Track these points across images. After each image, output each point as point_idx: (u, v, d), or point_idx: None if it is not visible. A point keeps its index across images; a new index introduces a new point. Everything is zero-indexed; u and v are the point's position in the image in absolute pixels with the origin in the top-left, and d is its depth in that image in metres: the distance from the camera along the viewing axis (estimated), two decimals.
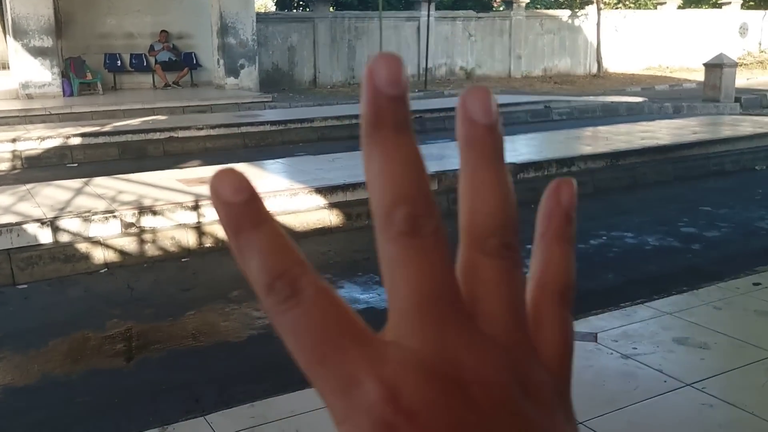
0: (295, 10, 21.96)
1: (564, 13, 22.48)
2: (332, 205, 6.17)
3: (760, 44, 25.01)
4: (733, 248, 5.48)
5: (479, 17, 21.01)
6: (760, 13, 25.34)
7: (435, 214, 0.23)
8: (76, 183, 6.64)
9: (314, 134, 10.76)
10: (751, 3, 27.01)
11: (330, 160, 7.75)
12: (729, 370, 2.99)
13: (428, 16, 18.21)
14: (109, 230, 5.40)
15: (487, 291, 0.24)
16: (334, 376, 0.22)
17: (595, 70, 21.75)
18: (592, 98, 14.86)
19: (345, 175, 6.81)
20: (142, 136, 9.97)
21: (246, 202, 0.22)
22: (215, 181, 0.22)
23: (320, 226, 5.99)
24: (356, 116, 11.85)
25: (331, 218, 6.07)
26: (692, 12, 24.90)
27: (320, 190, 6.25)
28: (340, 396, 0.22)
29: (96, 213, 5.48)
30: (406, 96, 0.23)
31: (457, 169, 0.25)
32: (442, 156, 7.94)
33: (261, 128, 10.65)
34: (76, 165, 8.98)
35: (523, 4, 21.76)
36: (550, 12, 22.85)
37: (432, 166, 7.13)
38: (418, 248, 0.22)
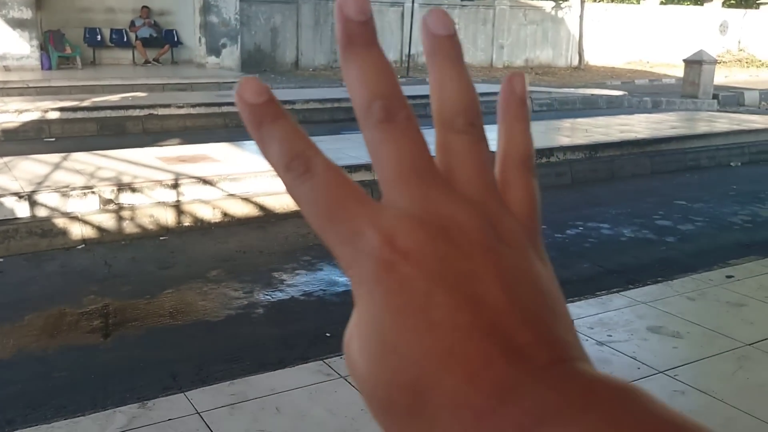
0: None
1: (548, 4, 22.52)
2: None
3: (739, 42, 25.29)
4: (707, 242, 5.57)
5: (463, 5, 20.99)
6: (741, 11, 25.61)
7: (406, 105, 0.28)
8: (54, 158, 6.56)
9: (296, 116, 10.53)
10: (732, 1, 27.27)
11: None
12: (701, 358, 3.05)
13: (412, 2, 18.17)
14: (87, 206, 5.35)
15: (459, 161, 0.28)
16: (342, 230, 0.26)
17: (576, 62, 21.86)
18: (572, 90, 14.96)
19: None
20: (122, 113, 9.87)
21: (266, 102, 0.27)
22: (240, 88, 0.27)
23: None
24: (339, 100, 11.83)
25: None
26: (674, 8, 25.09)
27: None
28: (348, 245, 0.26)
29: (74, 188, 5.43)
30: (372, 20, 0.28)
31: None
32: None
33: None
34: (53, 140, 8.87)
35: None
36: (534, 3, 22.87)
37: None
38: (395, 130, 0.27)
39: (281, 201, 5.93)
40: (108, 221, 5.32)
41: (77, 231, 5.19)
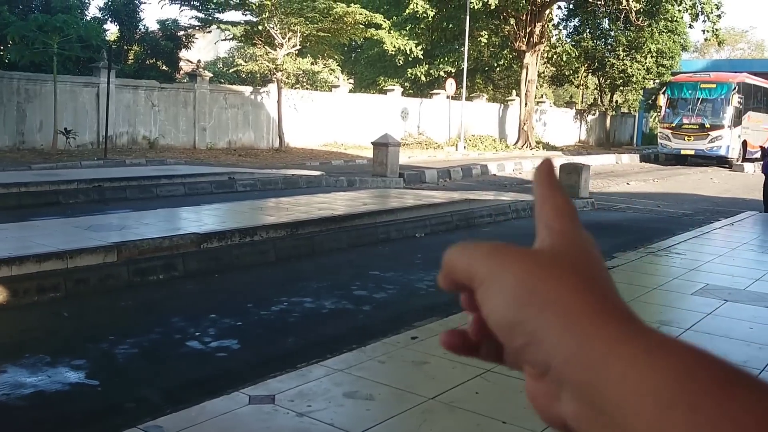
0: None
1: (246, 89, 23.29)
2: None
3: (418, 127, 28.40)
4: (398, 307, 6.08)
5: (162, 87, 20.85)
6: (418, 100, 28.89)
7: None
8: None
9: None
10: (410, 91, 30.68)
11: None
12: (391, 417, 3.32)
13: (108, 83, 17.61)
14: None
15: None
16: None
17: (277, 144, 22.76)
18: (274, 171, 15.51)
19: (10, 247, 6.24)
20: None
21: None
22: None
23: None
24: (26, 184, 10.87)
25: None
26: (362, 96, 27.49)
27: None
28: None
29: None
30: None
31: (138, 239, 0.36)
32: (123, 226, 7.68)
33: None
34: None
35: (207, 78, 22.11)
36: (234, 87, 23.51)
37: (111, 237, 6.86)
38: None
39: None
40: None
41: None
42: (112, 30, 25.88)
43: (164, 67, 24.29)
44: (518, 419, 3.17)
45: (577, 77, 36.45)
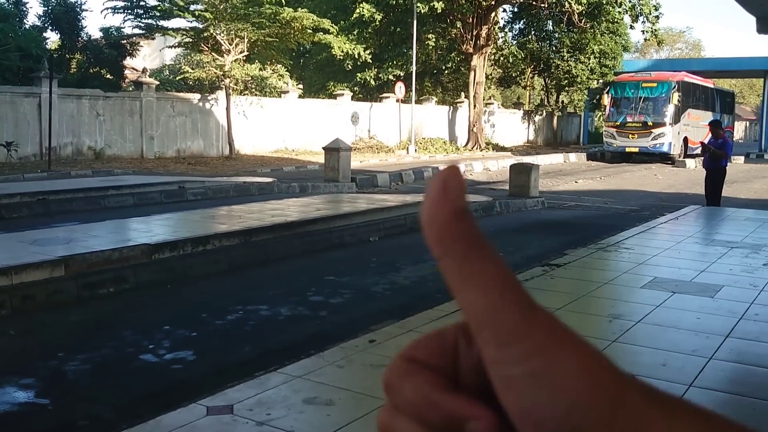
0: None
1: (195, 97, 23.00)
2: None
3: (369, 131, 28.44)
4: (354, 311, 6.07)
5: (107, 96, 20.45)
6: (368, 104, 28.93)
7: None
8: None
9: None
10: (360, 96, 30.72)
11: None
12: (352, 421, 3.31)
13: (50, 93, 17.18)
14: None
15: None
16: None
17: (227, 152, 22.53)
18: (225, 179, 15.35)
19: None
20: None
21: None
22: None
23: None
24: None
25: None
26: (312, 101, 27.40)
27: None
28: None
29: None
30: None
31: (86, 252, 0.28)
32: (70, 239, 7.50)
33: None
34: None
35: (153, 86, 21.76)
36: (181, 95, 23.19)
37: (58, 251, 6.69)
38: None
39: None
40: None
41: None
42: (52, 38, 25.33)
43: (108, 76, 23.85)
44: None
45: (524, 78, 37.02)
